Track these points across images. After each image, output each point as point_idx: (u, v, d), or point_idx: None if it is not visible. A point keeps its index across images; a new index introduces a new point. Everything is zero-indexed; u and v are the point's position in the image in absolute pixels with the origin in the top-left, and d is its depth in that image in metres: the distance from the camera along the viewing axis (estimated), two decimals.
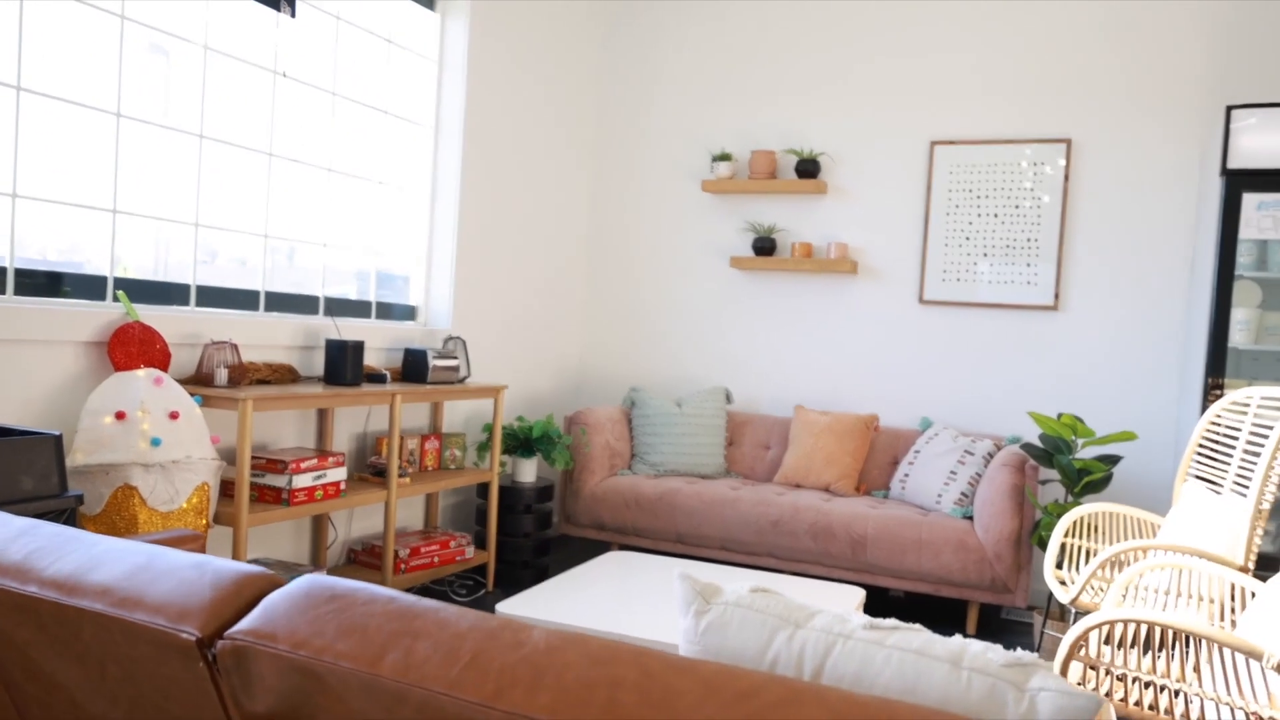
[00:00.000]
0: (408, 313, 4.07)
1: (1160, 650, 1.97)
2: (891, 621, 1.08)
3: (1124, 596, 2.30)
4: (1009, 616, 3.98)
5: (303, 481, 2.97)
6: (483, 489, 4.06)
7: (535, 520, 4.06)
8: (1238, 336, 3.40)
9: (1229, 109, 3.33)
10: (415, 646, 1.05)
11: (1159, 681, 1.87)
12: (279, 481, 2.94)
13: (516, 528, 4.04)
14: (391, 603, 1.12)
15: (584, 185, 5.04)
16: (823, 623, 1.09)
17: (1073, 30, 4.16)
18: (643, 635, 2.41)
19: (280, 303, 3.42)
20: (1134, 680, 1.94)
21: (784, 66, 4.67)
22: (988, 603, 3.76)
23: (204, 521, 2.69)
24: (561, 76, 4.74)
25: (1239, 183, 3.31)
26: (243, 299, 3.28)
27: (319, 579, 1.18)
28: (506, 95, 4.33)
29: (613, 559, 3.20)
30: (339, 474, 3.13)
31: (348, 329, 3.56)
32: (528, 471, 4.12)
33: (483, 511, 4.05)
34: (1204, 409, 3.36)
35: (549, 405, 4.91)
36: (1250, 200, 3.30)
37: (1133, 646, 1.99)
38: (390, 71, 3.86)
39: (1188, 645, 2.19)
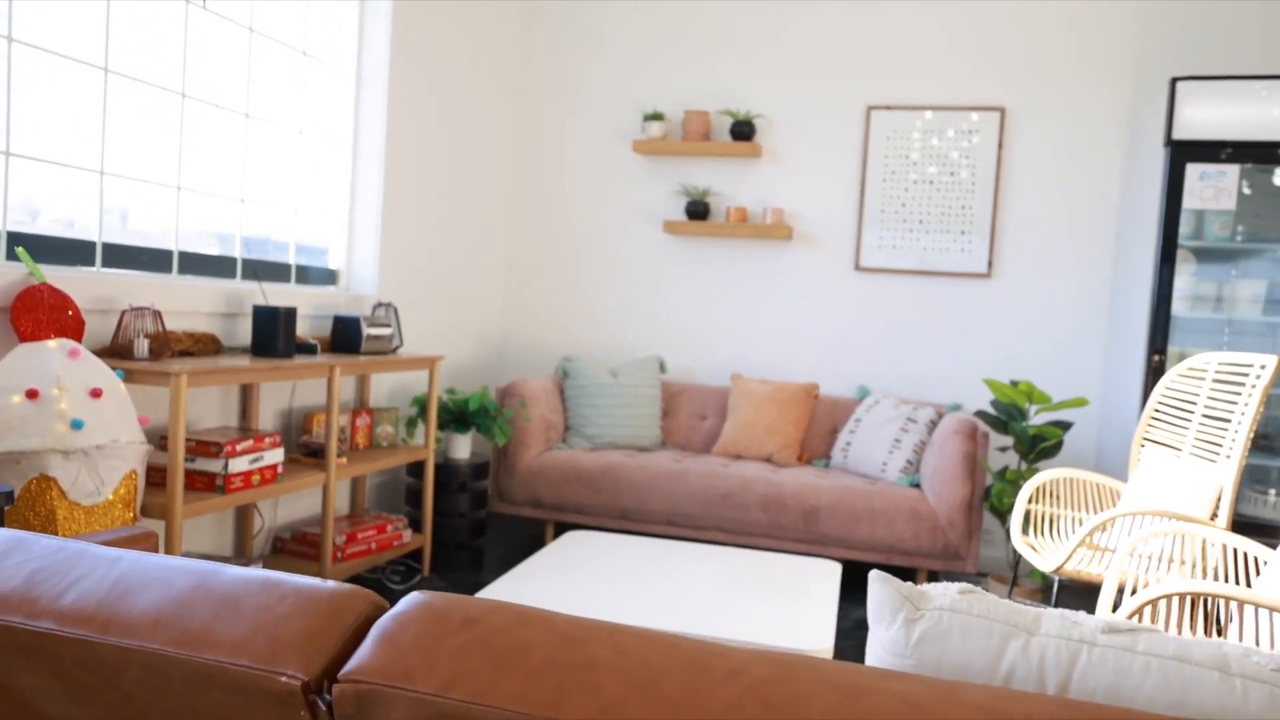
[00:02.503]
0: (327, 277, 3.72)
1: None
2: (1127, 622, 0.96)
3: (1128, 562, 2.30)
4: (948, 583, 4.03)
5: (239, 466, 2.64)
6: (413, 467, 3.78)
7: (471, 499, 3.81)
8: (1175, 305, 3.50)
9: (1173, 81, 3.40)
10: (602, 684, 0.85)
11: None
12: (213, 466, 2.60)
13: (451, 508, 3.78)
14: (548, 625, 0.91)
15: (508, 142, 4.75)
16: (1054, 627, 0.96)
17: (1004, 1, 4.18)
18: (698, 630, 2.25)
19: (192, 265, 3.03)
20: None
21: (719, 24, 4.51)
22: (936, 570, 3.78)
23: (131, 515, 2.34)
24: (486, 25, 4.42)
25: (1183, 154, 3.39)
26: (151, 260, 2.88)
27: (436, 597, 0.96)
28: (432, 43, 4.00)
29: (576, 539, 3.01)
30: (275, 456, 2.81)
31: (274, 295, 3.20)
32: (462, 448, 3.86)
33: (414, 491, 3.77)
34: (1148, 376, 3.45)
35: (473, 376, 4.64)
36: (1193, 170, 3.39)
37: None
38: (310, 11, 3.47)
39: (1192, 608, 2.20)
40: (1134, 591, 2.43)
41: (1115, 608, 2.99)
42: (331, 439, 3.02)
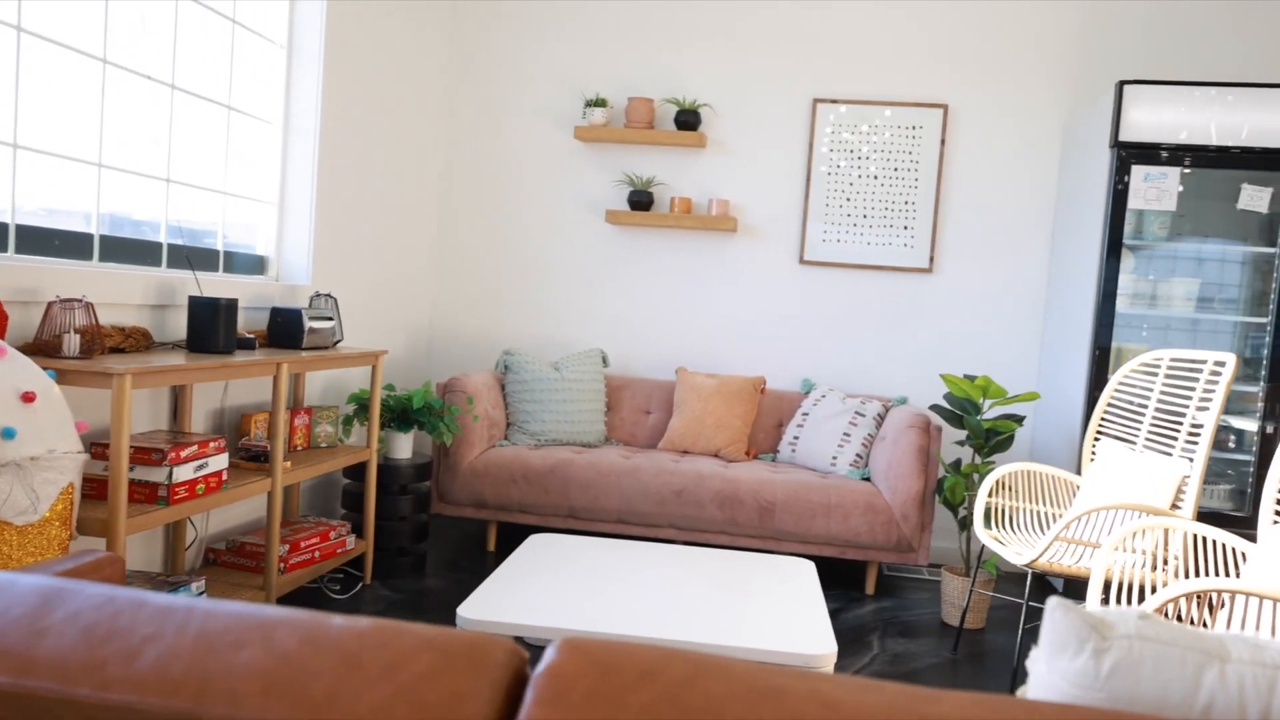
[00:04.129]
0: (256, 264, 3.44)
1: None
2: None
3: (1113, 557, 2.33)
4: (889, 574, 4.07)
5: (183, 474, 2.40)
6: (349, 469, 3.55)
7: (413, 502, 3.61)
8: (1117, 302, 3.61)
9: (1120, 84, 3.49)
10: None
11: None
12: (155, 475, 2.35)
13: (392, 511, 3.57)
14: (730, 674, 0.80)
15: (441, 124, 4.53)
16: (1246, 652, 0.90)
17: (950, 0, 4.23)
18: (705, 640, 2.15)
19: (113, 251, 2.74)
20: None
21: (663, 10, 4.41)
22: (888, 562, 3.81)
23: (68, 534, 2.08)
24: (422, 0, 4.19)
25: (1129, 155, 3.49)
26: (65, 245, 2.58)
27: (587, 645, 0.84)
28: (368, 16, 3.75)
29: (541, 543, 2.87)
30: (220, 462, 2.57)
31: (205, 284, 2.93)
32: (403, 447, 3.66)
33: (351, 494, 3.55)
34: (1093, 372, 3.54)
35: (403, 371, 4.42)
36: (1138, 172, 3.49)
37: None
38: None
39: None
40: (1121, 585, 2.47)
41: (1105, 600, 3.06)
42: (278, 441, 2.79)
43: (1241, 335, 3.71)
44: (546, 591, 2.40)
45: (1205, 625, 2.24)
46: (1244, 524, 3.52)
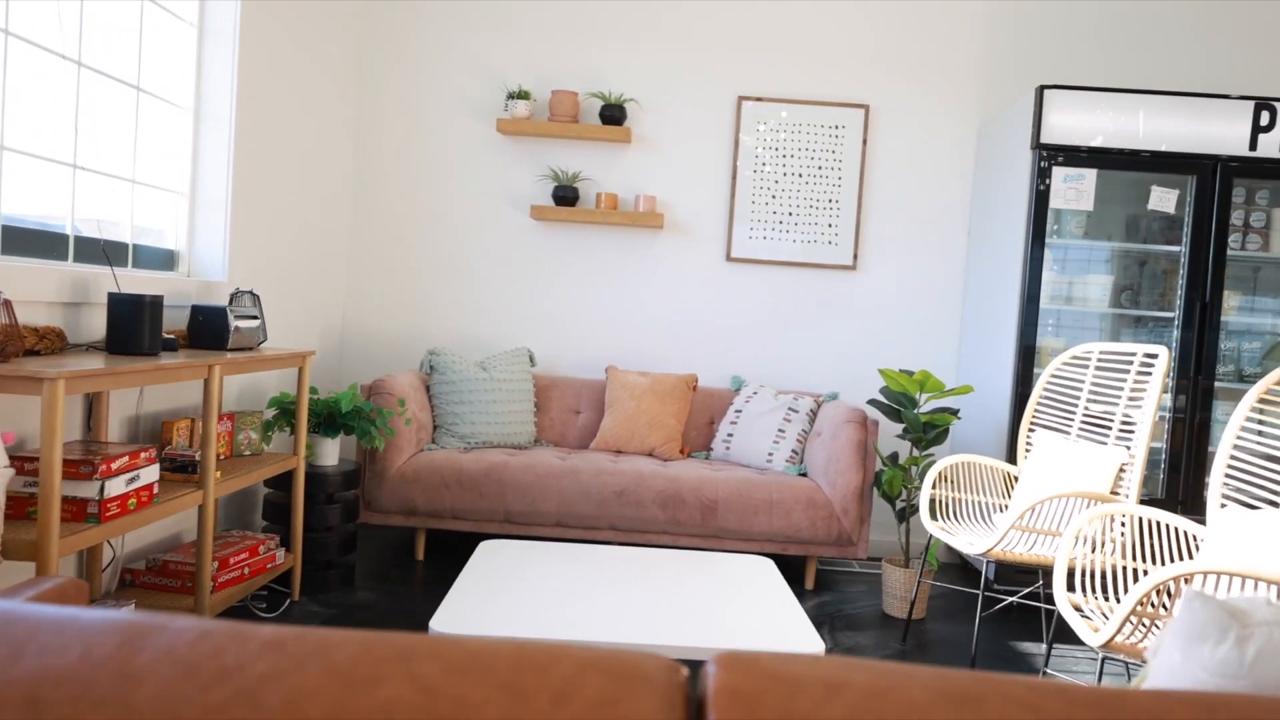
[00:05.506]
0: (164, 259, 3.19)
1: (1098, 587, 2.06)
2: None
3: (1074, 544, 2.40)
4: (824, 568, 4.12)
5: (115, 488, 2.18)
6: (273, 478, 3.34)
7: (342, 511, 3.42)
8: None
9: (1040, 89, 3.63)
10: None
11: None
12: (85, 490, 2.13)
13: (319, 521, 3.37)
14: (916, 680, 0.75)
15: (352, 112, 4.32)
16: None
17: (870, 1, 4.32)
18: (698, 643, 2.08)
19: (14, 243, 2.47)
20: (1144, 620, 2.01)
21: (587, 2, 4.33)
22: (828, 557, 3.86)
23: None
24: None
25: (1049, 156, 3.63)
26: None
27: (751, 657, 0.77)
28: (282, 1, 3.54)
29: (494, 551, 2.76)
30: (151, 474, 2.35)
31: (116, 280, 2.69)
32: (330, 453, 3.46)
33: (273, 505, 3.33)
34: (1019, 366, 3.67)
35: (319, 372, 4.19)
36: (1058, 173, 3.64)
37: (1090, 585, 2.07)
38: None
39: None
40: (1085, 572, 2.55)
41: (1070, 586, 3.16)
42: (210, 450, 2.57)
43: (1151, 329, 3.92)
44: (519, 600, 2.30)
45: (1165, 609, 2.33)
46: (1162, 508, 3.72)
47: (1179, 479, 3.69)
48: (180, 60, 3.17)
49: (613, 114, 4.25)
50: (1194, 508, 3.68)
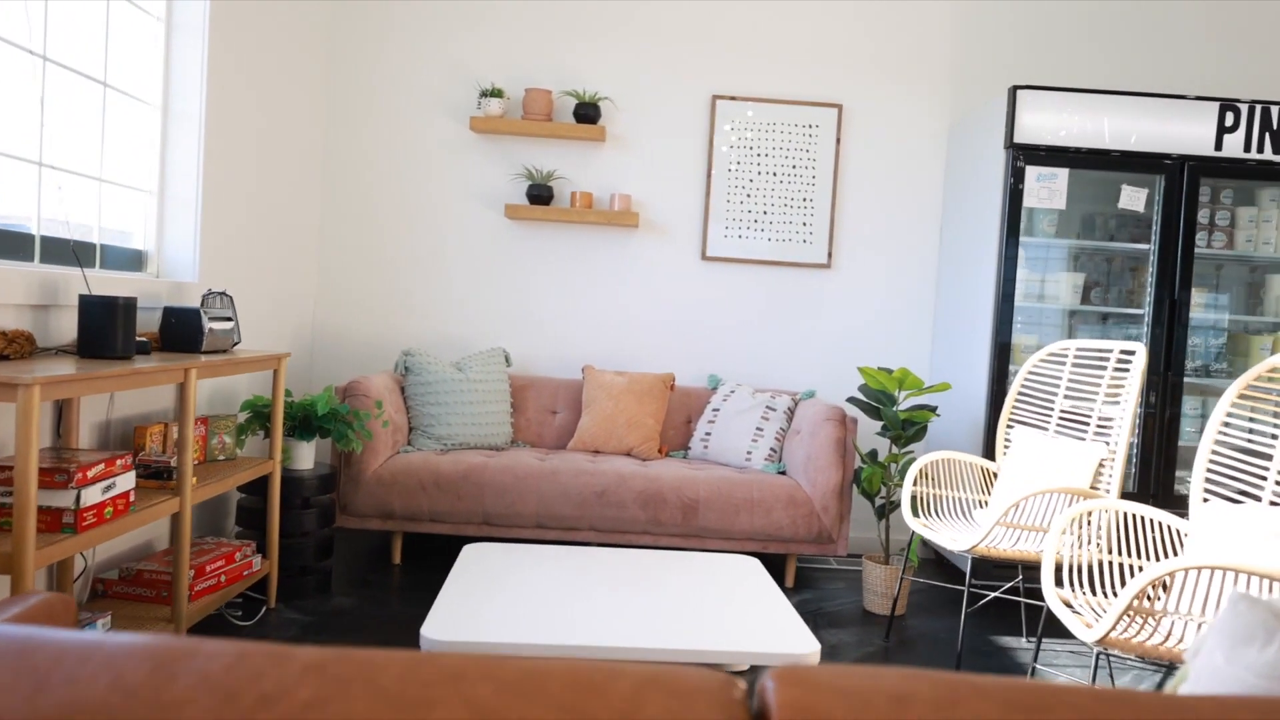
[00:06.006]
0: (132, 259, 3.10)
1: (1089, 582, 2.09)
2: None
3: (1061, 540, 2.42)
4: (803, 566, 4.12)
5: (92, 496, 2.11)
6: (249, 482, 3.26)
7: (318, 516, 3.35)
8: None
9: (1013, 89, 3.66)
10: None
11: (1177, 616, 1.97)
12: (61, 500, 2.05)
13: (295, 526, 3.30)
14: (980, 692, 0.73)
15: (322, 111, 4.23)
16: None
17: (843, 2, 4.33)
18: (695, 646, 2.05)
19: None
20: (1137, 614, 2.03)
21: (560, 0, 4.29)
22: (808, 554, 3.86)
23: None
24: None
25: (1023, 156, 3.67)
26: None
27: (807, 671, 0.75)
28: None
29: (480, 554, 2.72)
30: (128, 481, 2.28)
31: (83, 281, 2.60)
32: (305, 457, 3.39)
33: (246, 510, 3.26)
34: (995, 363, 3.70)
35: (289, 374, 4.10)
36: (1031, 172, 3.68)
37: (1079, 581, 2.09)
38: None
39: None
40: (1072, 567, 2.57)
41: (1058, 582, 3.18)
42: (187, 456, 2.50)
43: (1121, 326, 3.98)
44: (510, 605, 2.27)
45: (1150, 600, 2.36)
46: (1134, 502, 3.77)
47: (1150, 473, 3.75)
48: (148, 56, 3.08)
49: (587, 112, 4.21)
50: (1165, 501, 3.74)
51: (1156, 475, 3.74)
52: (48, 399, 1.90)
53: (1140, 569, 2.43)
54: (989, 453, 3.69)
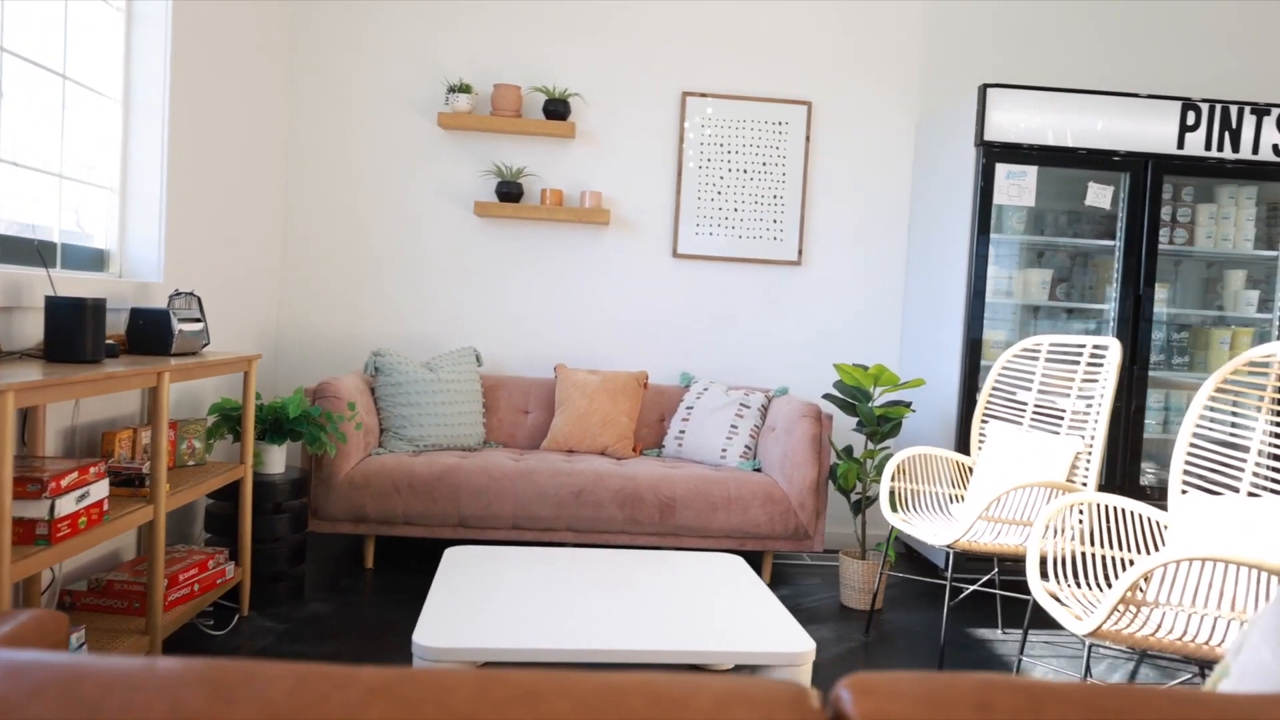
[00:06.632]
0: (93, 259, 2.99)
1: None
2: None
3: (1045, 534, 2.45)
4: (780, 561, 4.14)
5: (66, 506, 2.03)
6: (223, 487, 3.17)
7: (290, 520, 3.28)
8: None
9: (983, 87, 3.70)
10: None
11: (1177, 609, 2.01)
12: (34, 511, 1.97)
13: (267, 532, 3.22)
14: (1064, 698, 0.73)
15: (287, 105, 4.13)
16: None
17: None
18: (690, 647, 2.03)
19: None
20: (1132, 607, 2.06)
21: None
22: (785, 550, 3.85)
23: None
24: None
25: (993, 154, 3.71)
26: None
27: (878, 678, 0.74)
28: None
29: (463, 558, 2.67)
30: (101, 490, 2.20)
31: (44, 283, 2.50)
32: (276, 461, 3.31)
33: (216, 516, 3.17)
34: (966, 360, 3.74)
35: (257, 376, 4.00)
36: (1001, 170, 3.72)
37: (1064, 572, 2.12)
38: None
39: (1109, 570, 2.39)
40: (1055, 560, 2.60)
41: (1043, 575, 3.21)
42: (160, 462, 2.42)
43: (1083, 321, 4.05)
44: (502, 611, 2.23)
45: (1140, 591, 2.39)
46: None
47: (1116, 466, 3.82)
48: (108, 47, 2.98)
49: (556, 108, 4.17)
50: (1130, 493, 3.81)
51: (1123, 467, 3.81)
52: (22, 405, 1.82)
53: (1124, 561, 2.47)
54: (962, 447, 3.73)
